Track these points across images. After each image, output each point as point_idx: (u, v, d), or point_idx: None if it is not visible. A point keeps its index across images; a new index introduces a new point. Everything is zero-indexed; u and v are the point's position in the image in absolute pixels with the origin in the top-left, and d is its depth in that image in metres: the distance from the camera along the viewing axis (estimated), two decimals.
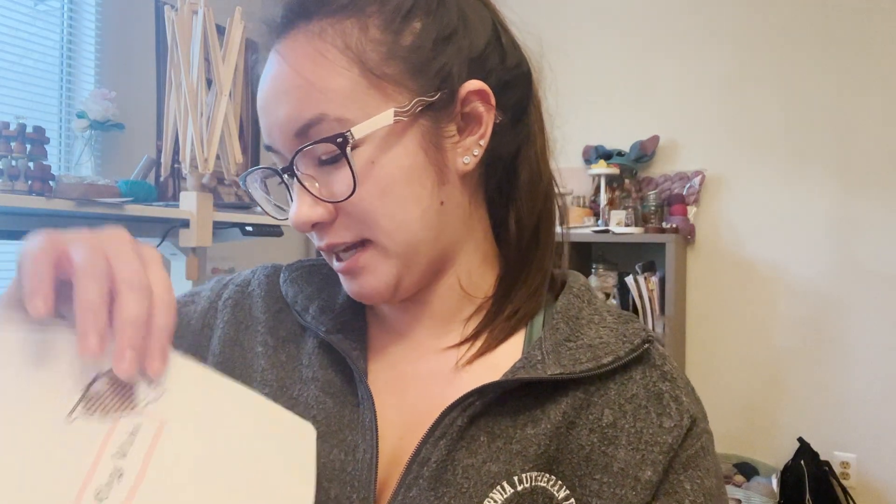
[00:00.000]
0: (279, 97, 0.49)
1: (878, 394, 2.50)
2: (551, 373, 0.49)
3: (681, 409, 0.51)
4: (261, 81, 0.51)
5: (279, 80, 0.49)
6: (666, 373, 0.53)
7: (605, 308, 0.55)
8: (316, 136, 0.47)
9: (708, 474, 0.50)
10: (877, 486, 2.50)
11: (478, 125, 0.52)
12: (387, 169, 0.48)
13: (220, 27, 1.78)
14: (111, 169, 2.04)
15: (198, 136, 1.70)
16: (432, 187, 0.50)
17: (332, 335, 0.55)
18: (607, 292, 2.75)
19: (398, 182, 0.48)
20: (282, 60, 0.49)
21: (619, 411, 0.50)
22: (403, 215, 0.49)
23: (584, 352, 0.50)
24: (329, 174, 0.48)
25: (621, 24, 2.97)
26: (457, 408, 0.49)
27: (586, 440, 0.49)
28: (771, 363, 2.67)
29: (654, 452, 0.49)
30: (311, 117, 0.47)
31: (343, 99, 0.47)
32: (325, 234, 0.51)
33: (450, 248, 0.53)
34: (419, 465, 0.48)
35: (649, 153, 2.84)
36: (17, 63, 1.92)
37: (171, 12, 1.71)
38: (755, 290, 2.70)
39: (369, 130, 0.47)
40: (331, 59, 0.47)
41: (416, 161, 0.49)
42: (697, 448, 0.51)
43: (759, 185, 2.71)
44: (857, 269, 2.54)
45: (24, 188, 1.44)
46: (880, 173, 2.52)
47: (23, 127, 1.47)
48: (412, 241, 0.50)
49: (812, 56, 2.63)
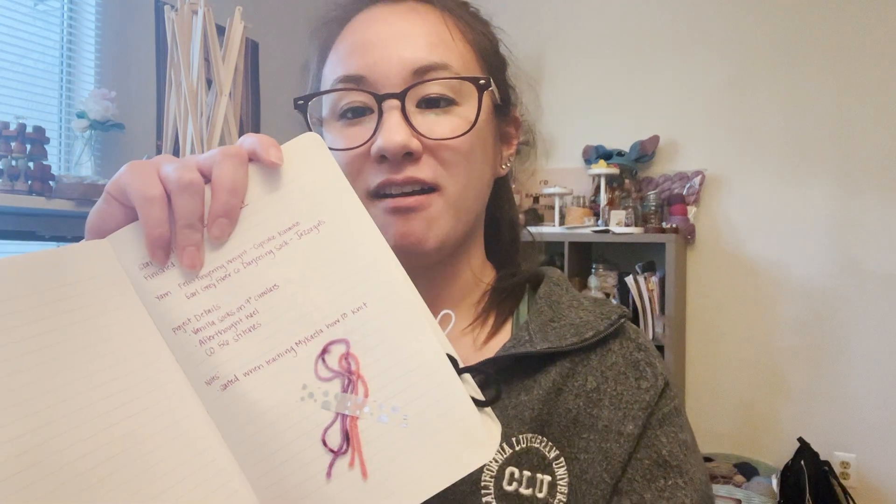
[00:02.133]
0: (407, 36, 0.54)
1: (878, 394, 2.50)
2: (541, 347, 0.54)
3: (655, 373, 0.56)
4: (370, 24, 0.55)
5: (409, 23, 0.55)
6: (640, 344, 0.58)
7: (582, 295, 0.62)
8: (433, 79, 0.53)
9: (682, 429, 0.55)
10: (877, 486, 2.50)
11: (509, 145, 0.62)
12: (482, 134, 0.56)
13: (220, 27, 1.78)
14: (111, 169, 2.04)
15: (198, 136, 1.70)
16: (490, 172, 0.59)
17: None
18: (607, 292, 2.75)
19: (484, 148, 0.56)
20: (411, 12, 0.56)
21: (601, 377, 0.55)
22: (475, 178, 0.56)
23: (568, 329, 0.56)
24: (431, 116, 0.53)
25: (622, 24, 2.97)
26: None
27: (573, 404, 0.54)
28: (771, 363, 2.67)
29: (634, 409, 0.54)
30: (438, 61, 0.53)
31: (465, 63, 0.55)
32: (407, 166, 0.52)
33: (474, 229, 0.60)
34: None
35: (649, 153, 2.84)
36: (17, 63, 1.92)
37: (171, 12, 1.71)
38: (755, 290, 2.71)
39: (494, 89, 0.56)
40: (454, 34, 0.56)
41: (489, 141, 0.58)
42: (671, 408, 0.56)
43: (759, 185, 2.71)
44: (857, 269, 2.55)
45: (24, 188, 1.44)
46: (880, 173, 2.52)
47: (23, 127, 1.47)
48: (470, 205, 0.56)
49: (812, 57, 2.63)
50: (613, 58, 2.97)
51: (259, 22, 2.25)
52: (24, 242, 1.85)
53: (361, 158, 0.53)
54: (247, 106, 2.49)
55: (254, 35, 2.43)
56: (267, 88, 2.58)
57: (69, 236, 1.82)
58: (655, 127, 2.85)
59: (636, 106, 2.92)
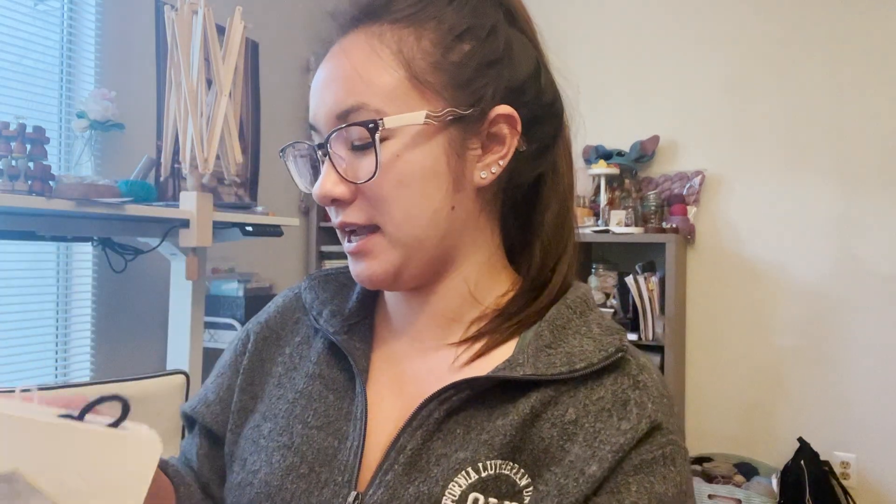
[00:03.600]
0: (330, 83, 0.55)
1: (878, 394, 2.50)
2: (523, 373, 0.52)
3: (641, 414, 0.51)
4: (318, 70, 0.57)
5: (335, 68, 0.55)
6: (639, 381, 0.54)
7: (595, 321, 0.57)
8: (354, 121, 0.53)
9: (664, 481, 0.50)
10: (877, 486, 2.50)
11: (501, 146, 0.56)
12: (409, 164, 0.53)
13: (220, 27, 1.78)
14: (111, 169, 2.04)
15: (198, 136, 1.70)
16: (446, 191, 0.55)
17: (339, 336, 0.61)
18: (607, 292, 2.75)
19: (416, 178, 0.53)
20: (341, 52, 0.55)
21: (582, 410, 0.52)
22: (414, 209, 0.54)
23: (561, 357, 0.54)
24: (358, 158, 0.54)
25: (622, 24, 2.97)
26: (434, 401, 0.53)
27: (547, 433, 0.52)
28: (771, 363, 2.67)
29: (604, 450, 0.50)
30: (353, 104, 0.53)
31: (385, 94, 0.53)
32: (340, 211, 0.55)
33: (454, 250, 0.58)
34: (396, 453, 0.53)
35: (649, 153, 2.84)
36: (17, 63, 1.92)
37: (171, 12, 1.71)
38: (755, 290, 2.71)
39: (399, 124, 0.52)
40: (383, 58, 0.53)
41: (436, 164, 0.54)
42: (657, 455, 0.51)
43: (759, 185, 2.71)
44: (858, 269, 2.55)
45: (24, 188, 1.44)
46: (880, 173, 2.52)
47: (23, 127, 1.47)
48: (418, 235, 0.54)
49: (812, 56, 2.63)
50: (613, 58, 2.97)
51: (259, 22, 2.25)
52: (24, 242, 1.85)
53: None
54: (247, 106, 2.49)
55: (254, 35, 2.43)
56: (267, 88, 2.58)
57: (69, 236, 1.82)
58: (655, 127, 2.85)
59: (636, 106, 2.92)
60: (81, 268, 2.08)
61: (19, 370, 1.91)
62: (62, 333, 2.05)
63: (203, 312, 1.98)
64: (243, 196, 2.46)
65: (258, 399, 0.64)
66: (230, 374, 0.67)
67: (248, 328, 0.70)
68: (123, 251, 2.00)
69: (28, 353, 1.95)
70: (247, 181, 2.51)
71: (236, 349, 0.69)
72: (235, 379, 0.66)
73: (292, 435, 0.58)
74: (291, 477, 0.56)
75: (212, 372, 0.69)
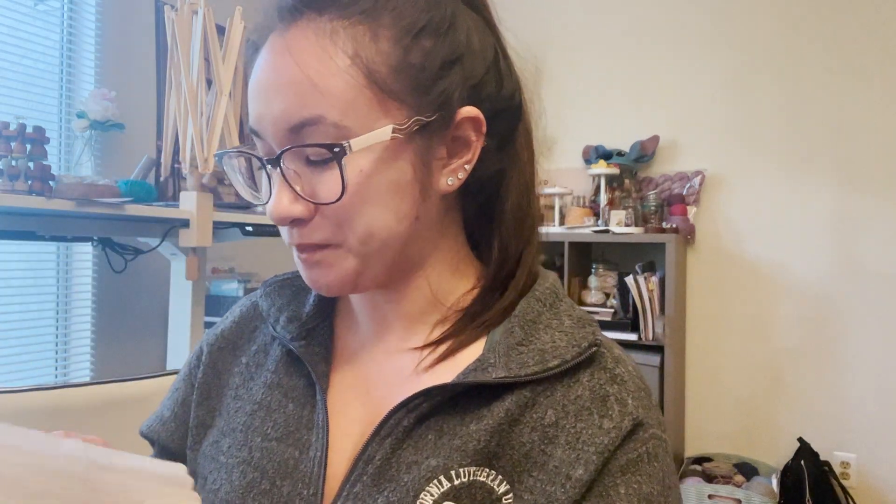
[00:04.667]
0: (279, 88, 0.48)
1: (878, 394, 2.50)
2: (496, 376, 0.50)
3: (623, 412, 0.50)
4: (258, 66, 0.50)
5: (281, 71, 0.48)
6: (616, 375, 0.52)
7: (566, 313, 0.55)
8: (310, 136, 0.48)
9: (649, 480, 0.49)
10: (877, 486, 2.50)
11: (466, 150, 0.53)
12: (375, 181, 0.49)
13: (220, 27, 1.78)
14: (111, 169, 2.04)
15: (198, 136, 1.70)
16: (412, 202, 0.51)
17: (295, 342, 0.58)
18: (607, 292, 2.75)
19: (382, 194, 0.49)
20: (286, 52, 0.48)
21: (561, 411, 0.50)
22: (379, 224, 0.50)
23: (533, 355, 0.51)
24: (315, 175, 0.49)
25: (622, 24, 2.97)
26: (402, 409, 0.50)
27: (527, 438, 0.49)
28: (771, 363, 2.67)
29: (588, 452, 0.48)
30: (308, 116, 0.47)
31: (344, 106, 0.47)
32: (298, 231, 0.51)
33: (416, 255, 0.54)
34: (364, 463, 0.50)
35: (649, 153, 2.84)
36: (17, 63, 1.92)
37: (171, 12, 1.71)
38: (755, 290, 2.70)
39: (366, 144, 0.47)
40: (339, 63, 0.47)
41: (403, 177, 0.50)
42: (641, 453, 0.49)
43: (759, 185, 2.71)
44: (858, 269, 2.54)
45: (24, 188, 1.44)
46: (880, 173, 2.52)
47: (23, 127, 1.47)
48: (379, 247, 0.51)
49: (812, 56, 2.63)
50: (613, 58, 2.97)
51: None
52: (24, 242, 1.85)
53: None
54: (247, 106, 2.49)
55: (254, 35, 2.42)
56: None
57: (69, 236, 1.82)
58: (655, 127, 2.85)
59: (636, 106, 2.92)
60: (81, 268, 2.08)
61: (19, 370, 1.91)
62: (62, 333, 2.05)
63: (203, 312, 1.98)
64: None
65: (216, 413, 0.61)
66: (185, 388, 0.64)
67: (202, 341, 0.67)
68: (123, 251, 2.00)
69: (28, 353, 1.95)
70: None
71: (191, 363, 0.66)
72: (191, 394, 0.63)
73: (251, 449, 0.55)
74: (253, 494, 0.53)
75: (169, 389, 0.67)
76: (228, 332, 0.65)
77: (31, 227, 1.63)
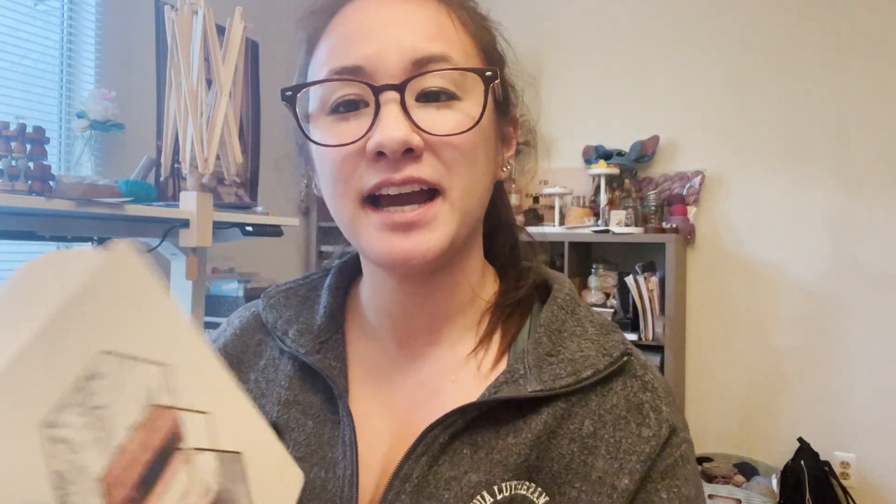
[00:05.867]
0: (405, 24, 0.49)
1: (878, 394, 2.50)
2: (532, 389, 0.50)
3: (660, 419, 0.51)
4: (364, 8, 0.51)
5: (406, 11, 0.50)
6: (647, 383, 0.53)
7: (587, 318, 0.56)
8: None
9: (686, 483, 0.50)
10: (877, 486, 2.50)
11: (508, 145, 0.57)
12: (484, 129, 0.51)
13: (220, 27, 1.78)
14: (111, 169, 2.04)
15: (198, 136, 1.70)
16: (491, 173, 0.54)
17: (311, 356, 0.56)
18: (607, 292, 2.75)
19: (483, 149, 0.51)
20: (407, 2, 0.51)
21: (599, 421, 0.50)
22: (476, 179, 0.51)
23: (565, 366, 0.51)
24: (432, 111, 0.49)
25: (622, 24, 2.97)
26: (439, 426, 0.50)
27: (567, 449, 0.49)
28: (771, 363, 2.67)
29: (631, 461, 0.49)
30: (439, 52, 0.49)
31: (466, 55, 0.51)
32: (407, 165, 0.48)
33: (468, 241, 0.54)
34: (401, 482, 0.49)
35: (649, 153, 2.84)
36: (17, 63, 1.92)
37: (171, 12, 1.71)
38: (755, 290, 2.70)
39: (497, 89, 0.52)
40: (455, 25, 0.51)
41: (491, 141, 0.53)
42: (676, 457, 0.50)
43: (759, 185, 2.71)
44: (857, 269, 2.54)
45: (24, 188, 1.44)
46: (880, 173, 2.52)
47: (23, 127, 1.47)
48: (472, 207, 0.51)
49: (812, 56, 2.63)
50: (613, 58, 2.97)
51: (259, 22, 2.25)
52: (24, 242, 1.85)
53: (355, 157, 0.49)
54: (247, 106, 2.49)
55: (254, 35, 2.43)
56: (267, 88, 2.57)
57: (69, 236, 1.81)
58: (655, 127, 2.85)
59: (636, 106, 2.92)
60: None
61: None
62: None
63: (203, 312, 1.98)
64: (243, 196, 2.46)
65: None
66: None
67: None
68: None
69: None
70: (247, 181, 2.51)
71: None
72: None
73: None
74: None
75: None
76: (231, 347, 0.61)
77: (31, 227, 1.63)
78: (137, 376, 0.36)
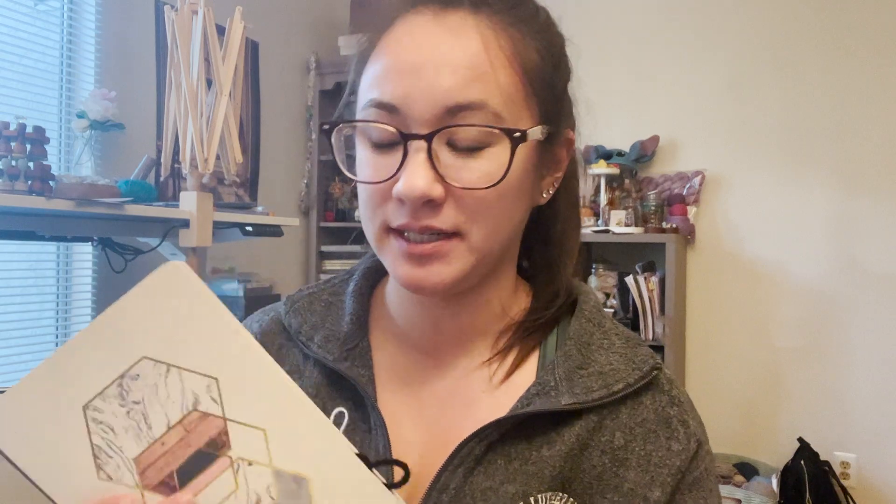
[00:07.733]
0: (445, 66, 0.47)
1: (878, 394, 2.50)
2: (565, 402, 0.51)
3: (688, 434, 0.53)
4: (407, 44, 0.49)
5: (449, 51, 0.48)
6: (674, 397, 0.55)
7: (613, 331, 0.57)
8: (467, 120, 0.47)
9: (711, 494, 0.53)
10: (877, 486, 2.50)
11: (557, 167, 0.56)
12: (513, 177, 0.49)
13: (220, 27, 1.78)
14: (111, 169, 2.04)
15: (198, 136, 1.70)
16: (524, 209, 0.54)
17: (339, 363, 0.56)
18: (607, 292, 2.75)
19: (513, 193, 0.50)
20: (451, 35, 0.49)
21: (629, 434, 0.52)
22: (502, 223, 0.51)
23: (596, 379, 0.52)
24: (458, 160, 0.48)
25: (622, 24, 2.97)
26: (475, 438, 0.51)
27: (598, 461, 0.51)
28: (771, 363, 2.67)
29: (662, 474, 0.51)
30: (474, 99, 0.47)
31: (505, 97, 0.49)
32: (426, 215, 0.48)
33: (498, 264, 0.55)
34: (438, 492, 0.50)
35: (649, 153, 2.84)
36: (17, 63, 1.92)
37: (171, 12, 1.71)
38: (755, 290, 2.70)
39: (533, 138, 0.50)
40: (503, 56, 0.49)
41: (526, 180, 0.52)
42: (702, 470, 0.53)
43: (759, 185, 2.71)
44: (857, 269, 2.54)
45: (24, 188, 1.44)
46: (880, 173, 2.52)
47: (23, 127, 1.47)
48: (494, 248, 0.51)
49: (812, 56, 2.63)
50: (613, 58, 2.97)
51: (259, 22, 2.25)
52: (24, 242, 1.85)
53: (384, 193, 0.50)
54: (247, 106, 2.49)
55: (254, 35, 2.43)
56: (267, 88, 2.58)
57: (69, 236, 1.82)
58: (655, 127, 2.85)
59: (636, 106, 2.92)
60: (81, 268, 2.08)
61: (19, 370, 1.91)
62: (62, 334, 2.05)
63: None
64: (243, 196, 2.46)
65: None
66: None
67: None
68: (123, 251, 2.00)
69: (28, 353, 1.95)
70: (247, 181, 2.51)
71: None
72: None
73: None
74: None
75: None
76: None
77: (31, 227, 1.63)
78: (180, 383, 0.41)
